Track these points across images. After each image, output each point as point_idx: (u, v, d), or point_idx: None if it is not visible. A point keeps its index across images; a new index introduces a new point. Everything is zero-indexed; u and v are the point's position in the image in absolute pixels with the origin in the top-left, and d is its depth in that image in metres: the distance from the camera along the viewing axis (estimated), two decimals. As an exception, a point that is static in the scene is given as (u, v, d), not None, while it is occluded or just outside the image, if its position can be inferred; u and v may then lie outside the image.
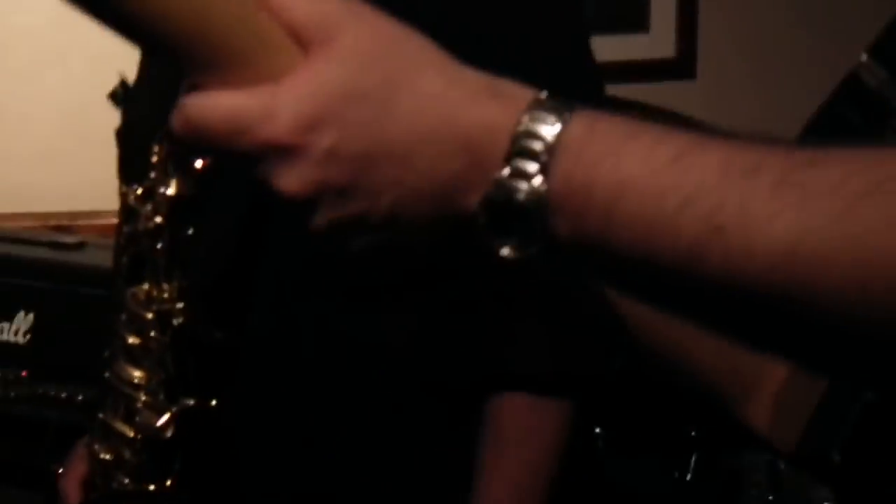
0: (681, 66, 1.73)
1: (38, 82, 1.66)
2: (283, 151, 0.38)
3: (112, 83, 0.82)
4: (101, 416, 0.76)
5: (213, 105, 0.38)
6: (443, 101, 0.39)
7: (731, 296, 0.35)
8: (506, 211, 0.37)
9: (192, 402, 0.74)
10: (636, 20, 1.77)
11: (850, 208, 0.32)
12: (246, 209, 0.76)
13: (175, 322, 0.74)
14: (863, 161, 0.34)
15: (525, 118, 0.37)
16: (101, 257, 1.34)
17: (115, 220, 0.86)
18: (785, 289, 0.33)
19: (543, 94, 0.38)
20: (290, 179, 0.38)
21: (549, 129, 0.37)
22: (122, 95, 0.83)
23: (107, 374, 0.76)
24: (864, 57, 1.00)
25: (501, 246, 0.37)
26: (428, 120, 0.38)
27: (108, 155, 0.88)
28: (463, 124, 0.38)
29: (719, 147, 0.36)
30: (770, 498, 1.43)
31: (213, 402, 0.74)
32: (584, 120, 0.37)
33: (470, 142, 0.38)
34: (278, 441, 0.79)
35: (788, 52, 1.80)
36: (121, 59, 0.73)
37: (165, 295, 0.74)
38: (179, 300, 0.74)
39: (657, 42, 1.77)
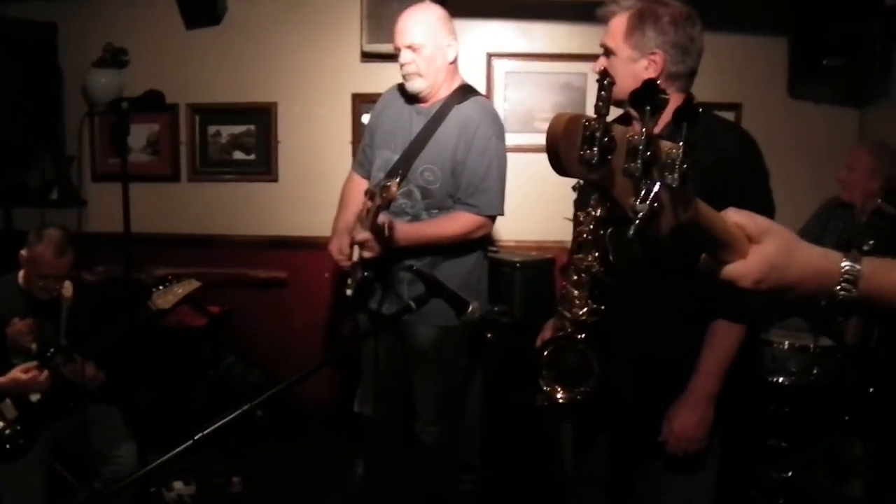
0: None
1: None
2: (750, 287, 1.02)
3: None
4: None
5: (729, 269, 1.01)
6: (806, 262, 1.04)
7: None
8: (835, 304, 1.04)
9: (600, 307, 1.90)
10: None
11: None
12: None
13: (593, 271, 1.90)
14: None
15: (842, 267, 1.03)
16: None
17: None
18: None
19: (845, 256, 1.04)
20: (751, 295, 1.02)
21: (854, 271, 1.02)
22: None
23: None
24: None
25: (836, 317, 1.98)
26: (802, 272, 1.03)
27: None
28: (817, 271, 1.03)
29: None
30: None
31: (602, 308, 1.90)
32: (868, 264, 1.03)
33: (821, 278, 1.03)
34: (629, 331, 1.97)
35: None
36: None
37: (590, 259, 1.90)
38: (600, 264, 1.89)
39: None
